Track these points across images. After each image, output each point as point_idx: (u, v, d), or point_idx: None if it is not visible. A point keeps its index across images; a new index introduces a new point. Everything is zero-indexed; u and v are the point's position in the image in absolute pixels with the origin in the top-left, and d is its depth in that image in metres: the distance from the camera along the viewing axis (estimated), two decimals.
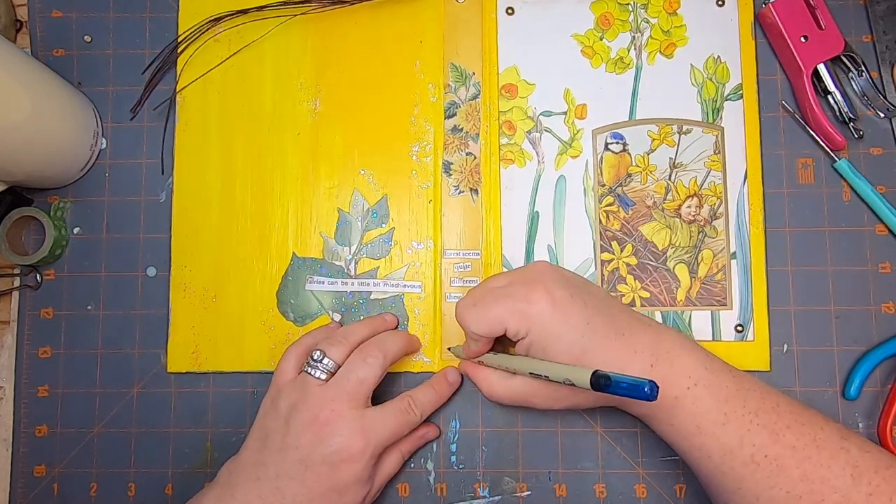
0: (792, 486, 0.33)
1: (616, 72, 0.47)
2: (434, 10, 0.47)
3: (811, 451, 0.34)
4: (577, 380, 0.32)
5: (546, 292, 0.36)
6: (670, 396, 0.35)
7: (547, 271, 0.38)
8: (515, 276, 0.38)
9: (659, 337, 0.37)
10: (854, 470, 0.33)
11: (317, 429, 0.37)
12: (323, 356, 0.39)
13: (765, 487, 0.34)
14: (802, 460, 0.34)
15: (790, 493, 0.33)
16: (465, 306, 0.38)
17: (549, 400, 0.38)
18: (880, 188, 0.45)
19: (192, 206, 0.46)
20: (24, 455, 0.45)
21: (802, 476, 0.33)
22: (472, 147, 0.46)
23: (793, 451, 0.34)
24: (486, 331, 0.37)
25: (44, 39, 0.48)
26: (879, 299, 0.44)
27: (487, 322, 0.37)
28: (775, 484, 0.34)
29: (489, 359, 0.40)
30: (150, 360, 0.46)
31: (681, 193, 0.45)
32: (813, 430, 0.34)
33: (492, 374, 0.40)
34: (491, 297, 0.37)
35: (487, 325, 0.37)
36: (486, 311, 0.37)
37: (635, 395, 0.30)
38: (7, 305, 0.47)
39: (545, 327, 0.36)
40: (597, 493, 0.44)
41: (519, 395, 0.39)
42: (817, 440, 0.34)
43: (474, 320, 0.37)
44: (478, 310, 0.37)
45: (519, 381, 0.38)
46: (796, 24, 0.44)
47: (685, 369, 0.36)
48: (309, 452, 0.37)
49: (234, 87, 0.47)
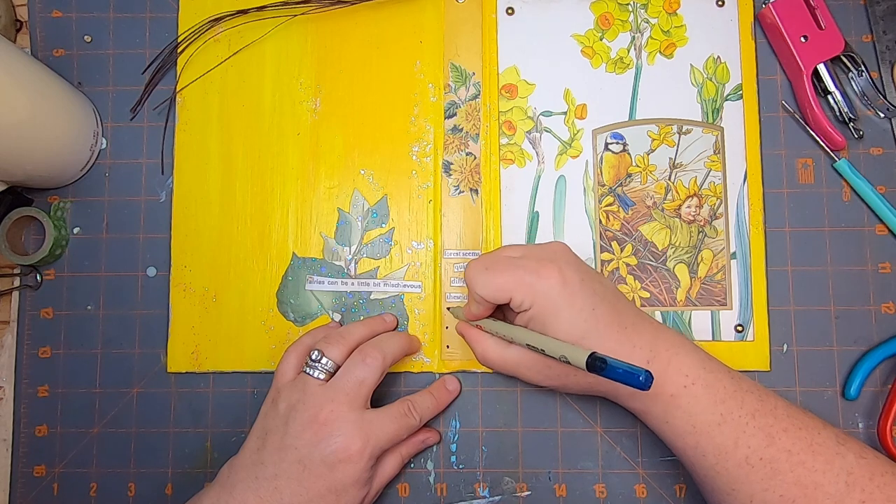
0: (785, 489, 0.33)
1: (616, 72, 0.47)
2: (434, 10, 0.47)
3: (806, 457, 0.34)
4: (574, 358, 0.32)
5: (558, 271, 0.36)
6: (666, 394, 0.35)
7: (563, 252, 0.38)
8: (531, 251, 0.38)
9: (659, 335, 0.37)
10: (849, 476, 0.33)
11: (316, 429, 0.37)
12: (321, 356, 0.39)
13: (758, 490, 0.34)
14: (796, 465, 0.34)
15: (783, 496, 0.33)
16: (476, 268, 0.38)
17: (540, 375, 0.38)
18: (880, 188, 0.45)
19: (192, 206, 0.46)
20: (24, 455, 0.45)
21: (796, 481, 0.33)
22: (472, 147, 0.46)
23: (788, 455, 0.34)
24: (491, 296, 0.37)
25: (44, 39, 0.48)
26: (879, 299, 0.44)
27: (494, 287, 0.37)
28: (769, 487, 0.34)
29: (488, 324, 0.40)
30: (150, 360, 0.46)
31: (681, 193, 0.45)
32: (810, 435, 0.34)
33: (488, 339, 0.40)
34: (503, 264, 0.37)
35: (494, 290, 0.37)
36: (495, 276, 0.37)
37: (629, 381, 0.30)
38: (7, 305, 0.47)
39: (550, 304, 0.36)
40: (597, 493, 0.44)
41: (511, 364, 0.39)
42: (813, 445, 0.34)
43: (482, 284, 0.37)
44: (488, 274, 0.37)
45: (514, 351, 0.38)
46: (796, 24, 0.44)
47: (683, 368, 0.36)
48: (307, 452, 0.37)
49: (234, 87, 0.47)
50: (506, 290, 0.36)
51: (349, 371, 0.39)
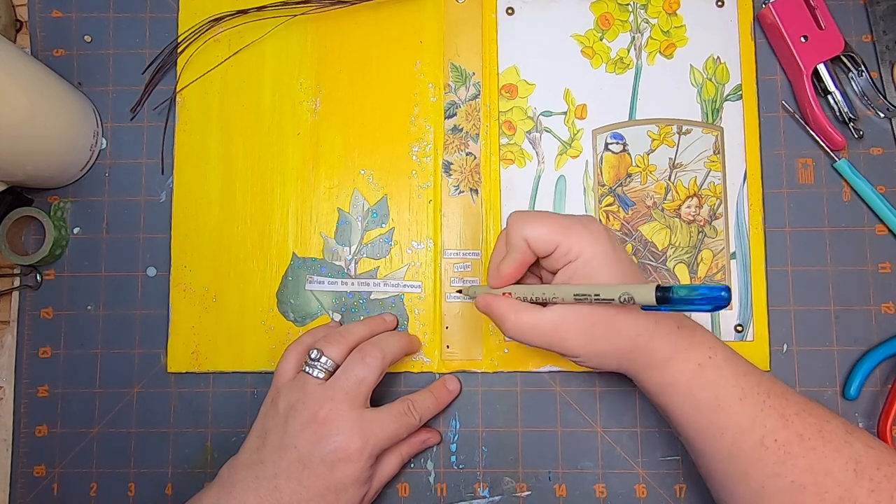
0: (797, 475, 0.33)
1: (616, 72, 0.47)
2: (434, 10, 0.47)
3: (817, 442, 0.34)
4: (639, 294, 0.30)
5: (604, 230, 0.36)
6: (694, 363, 0.35)
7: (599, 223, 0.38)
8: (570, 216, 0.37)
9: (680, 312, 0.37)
10: (857, 465, 0.33)
11: (315, 427, 0.37)
12: (321, 355, 0.39)
13: (770, 475, 0.34)
14: (808, 450, 0.34)
15: (794, 482, 0.33)
16: (520, 216, 0.37)
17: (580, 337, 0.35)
18: (880, 188, 0.45)
19: (192, 206, 0.46)
20: (24, 455, 0.45)
21: (808, 467, 0.33)
22: (472, 147, 0.46)
23: (800, 440, 0.34)
24: (540, 238, 0.35)
25: (44, 39, 0.48)
26: (879, 299, 0.44)
27: (545, 228, 0.35)
28: (780, 472, 0.34)
29: (519, 289, 0.37)
30: (150, 360, 0.46)
31: (680, 193, 0.45)
32: (819, 422, 0.35)
33: (519, 305, 0.37)
34: (547, 215, 0.36)
35: (544, 233, 0.35)
36: (544, 221, 0.36)
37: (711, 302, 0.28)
38: (7, 305, 0.47)
39: (600, 252, 0.35)
40: (597, 492, 0.44)
41: (550, 327, 0.35)
42: (823, 432, 0.34)
43: (532, 224, 0.36)
44: (534, 219, 0.36)
45: (552, 312, 0.36)
46: (796, 24, 0.44)
47: (705, 339, 0.36)
48: (307, 451, 0.37)
49: (234, 87, 0.47)
50: (555, 234, 0.35)
51: (348, 370, 0.39)
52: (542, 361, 0.44)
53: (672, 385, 0.36)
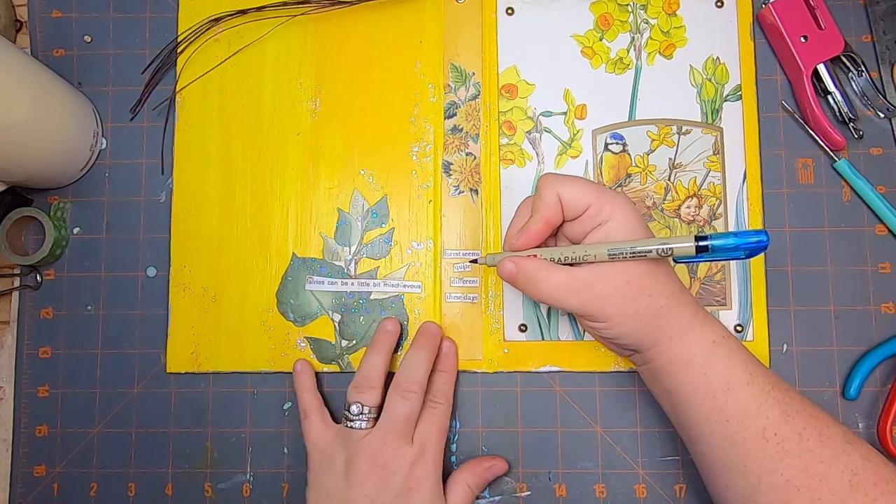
0: (792, 475, 0.33)
1: (616, 72, 0.47)
2: (434, 10, 0.47)
3: (815, 444, 0.34)
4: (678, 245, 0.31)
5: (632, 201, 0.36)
6: (710, 338, 0.36)
7: None
8: None
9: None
10: (853, 477, 0.33)
11: (378, 473, 0.38)
12: (363, 407, 0.40)
13: (767, 470, 0.34)
14: (805, 451, 0.34)
15: (790, 481, 0.33)
16: (555, 174, 0.37)
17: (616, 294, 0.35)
18: (880, 188, 0.45)
19: (192, 206, 0.46)
20: (24, 455, 0.45)
21: (803, 468, 0.33)
22: (472, 147, 0.46)
23: (798, 439, 0.34)
24: (573, 193, 0.35)
25: (44, 39, 0.48)
26: (879, 299, 0.44)
27: (579, 186, 0.35)
28: (777, 468, 0.34)
29: (545, 251, 0.37)
30: (150, 360, 0.46)
31: (680, 194, 0.45)
32: (819, 425, 0.35)
33: (549, 264, 0.36)
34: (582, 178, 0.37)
35: (579, 189, 0.35)
36: (580, 179, 0.36)
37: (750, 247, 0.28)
38: (7, 305, 0.47)
39: (632, 217, 0.35)
40: (597, 493, 0.44)
41: (583, 283, 0.35)
42: (822, 436, 0.34)
43: (567, 182, 0.36)
44: (571, 177, 0.36)
45: (586, 269, 0.35)
46: (796, 24, 0.44)
47: (717, 322, 0.37)
48: (377, 495, 0.38)
49: (234, 87, 0.47)
50: (589, 195, 0.35)
51: (392, 412, 0.40)
52: (542, 361, 0.44)
53: (687, 361, 0.36)
